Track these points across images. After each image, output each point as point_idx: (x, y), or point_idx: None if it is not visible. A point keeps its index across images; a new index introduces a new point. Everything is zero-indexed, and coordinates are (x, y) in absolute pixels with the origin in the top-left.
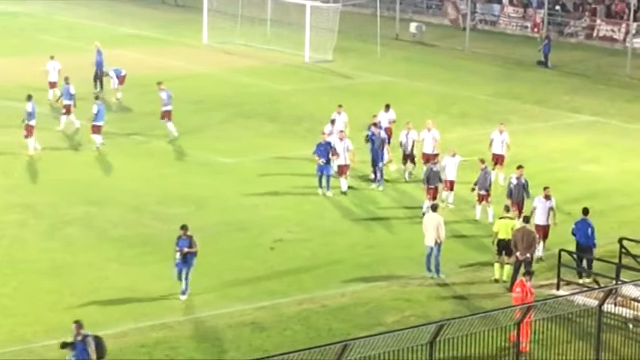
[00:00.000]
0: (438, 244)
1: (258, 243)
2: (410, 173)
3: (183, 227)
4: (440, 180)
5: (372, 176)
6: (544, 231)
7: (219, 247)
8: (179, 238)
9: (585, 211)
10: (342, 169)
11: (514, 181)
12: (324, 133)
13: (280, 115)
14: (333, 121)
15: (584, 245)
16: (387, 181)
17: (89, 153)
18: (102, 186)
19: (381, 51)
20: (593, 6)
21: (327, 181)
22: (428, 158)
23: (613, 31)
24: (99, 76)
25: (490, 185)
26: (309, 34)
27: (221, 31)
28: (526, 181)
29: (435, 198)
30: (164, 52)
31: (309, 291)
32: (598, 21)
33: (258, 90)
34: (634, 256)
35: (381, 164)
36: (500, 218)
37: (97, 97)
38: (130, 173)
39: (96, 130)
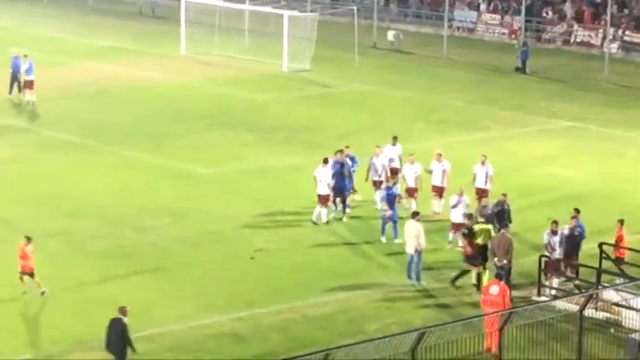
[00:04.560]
0: (419, 252)
1: (238, 253)
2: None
3: None
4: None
5: (334, 207)
6: (557, 265)
7: (199, 257)
8: None
9: (577, 212)
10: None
11: (566, 232)
12: (391, 177)
13: (259, 125)
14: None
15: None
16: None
17: (63, 164)
18: (79, 198)
19: (359, 59)
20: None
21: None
22: (437, 192)
23: (590, 36)
24: (17, 81)
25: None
26: (286, 44)
27: (199, 42)
28: (580, 234)
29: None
30: (142, 64)
31: (290, 301)
32: (575, 26)
33: (236, 100)
34: (614, 261)
35: (346, 194)
36: (476, 224)
37: None
38: (107, 184)
39: None
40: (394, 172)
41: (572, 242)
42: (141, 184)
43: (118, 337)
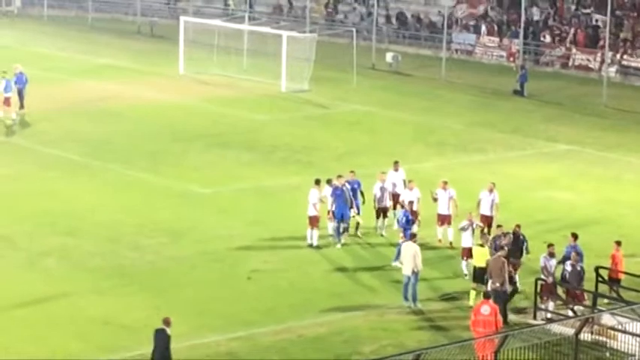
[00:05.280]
0: (415, 274)
1: (235, 273)
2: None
3: None
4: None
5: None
6: (552, 288)
7: (195, 277)
8: None
9: (575, 237)
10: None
11: (569, 268)
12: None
13: (257, 145)
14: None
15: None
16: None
17: (62, 182)
18: (77, 216)
19: (358, 80)
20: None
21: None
22: (443, 220)
23: (588, 60)
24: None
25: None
26: (285, 64)
27: (197, 61)
28: (582, 268)
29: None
30: (140, 83)
31: (286, 321)
32: (573, 50)
33: (235, 120)
34: (610, 285)
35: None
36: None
37: None
38: (105, 203)
39: None
40: (396, 197)
41: (576, 276)
42: (139, 203)
43: (164, 348)
